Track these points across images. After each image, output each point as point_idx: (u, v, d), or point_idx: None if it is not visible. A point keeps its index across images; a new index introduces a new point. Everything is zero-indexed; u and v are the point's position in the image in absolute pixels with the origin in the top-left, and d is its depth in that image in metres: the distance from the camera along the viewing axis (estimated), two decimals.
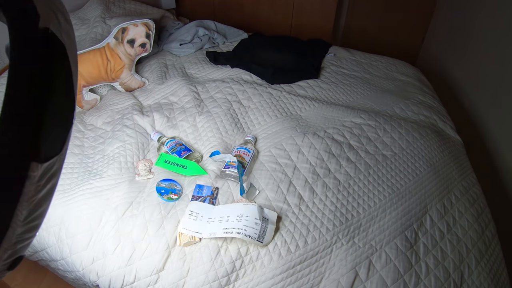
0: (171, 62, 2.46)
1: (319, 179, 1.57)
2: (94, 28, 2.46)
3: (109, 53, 2.07)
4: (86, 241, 1.40)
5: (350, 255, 1.34)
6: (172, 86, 2.15)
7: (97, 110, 2.04)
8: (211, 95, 2.07)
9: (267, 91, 2.09)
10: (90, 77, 2.03)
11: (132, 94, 2.15)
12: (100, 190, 1.54)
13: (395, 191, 1.57)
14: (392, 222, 1.45)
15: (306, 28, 3.43)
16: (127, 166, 1.65)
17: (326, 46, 2.69)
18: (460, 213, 1.52)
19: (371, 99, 2.13)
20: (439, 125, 1.99)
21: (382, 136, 1.80)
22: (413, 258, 1.35)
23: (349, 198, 1.52)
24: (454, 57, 2.72)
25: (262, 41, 2.71)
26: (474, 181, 1.71)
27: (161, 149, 1.72)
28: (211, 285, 1.26)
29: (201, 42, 2.63)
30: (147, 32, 2.14)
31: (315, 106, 2.01)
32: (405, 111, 2.04)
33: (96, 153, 1.73)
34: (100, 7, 2.62)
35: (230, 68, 2.35)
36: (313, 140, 1.73)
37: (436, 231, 1.44)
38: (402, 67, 2.52)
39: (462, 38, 2.61)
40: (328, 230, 1.39)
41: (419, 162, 1.71)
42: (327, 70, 2.40)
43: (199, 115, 1.90)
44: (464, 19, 2.61)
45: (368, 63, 2.53)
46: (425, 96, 2.20)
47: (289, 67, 2.37)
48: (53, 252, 1.45)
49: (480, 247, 1.43)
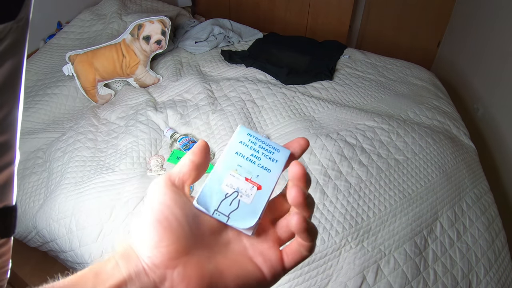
0: (186, 59, 2.47)
1: (330, 181, 1.57)
2: (110, 24, 2.48)
3: (124, 49, 2.08)
4: (96, 234, 1.42)
5: (358, 259, 1.34)
6: (186, 83, 2.16)
7: (111, 105, 2.06)
8: (225, 94, 2.08)
9: (281, 91, 2.09)
10: (105, 72, 2.05)
11: (146, 90, 2.17)
12: (112, 184, 1.55)
13: (406, 196, 1.56)
14: (402, 227, 1.44)
15: (321, 29, 3.42)
16: (139, 161, 1.66)
17: (341, 48, 2.68)
18: (471, 221, 1.51)
19: (385, 103, 2.11)
20: (453, 131, 1.97)
21: (395, 140, 1.79)
22: (421, 264, 1.34)
23: (359, 202, 1.51)
24: (470, 63, 2.69)
25: (277, 41, 2.71)
26: (486, 189, 1.69)
27: (174, 146, 1.73)
28: None
29: (216, 40, 2.64)
30: (162, 29, 2.15)
31: (328, 107, 2.00)
32: (419, 116, 2.02)
33: (109, 147, 1.75)
34: (116, 3, 2.64)
35: (244, 67, 2.35)
36: (326, 142, 1.72)
37: (446, 238, 1.43)
38: (417, 71, 2.50)
39: (478, 44, 2.58)
40: (338, 233, 1.39)
41: (432, 168, 1.69)
42: (342, 72, 2.39)
43: (213, 113, 1.91)
44: (480, 24, 2.58)
45: (383, 66, 2.51)
46: (439, 101, 2.18)
47: (304, 68, 2.37)
48: (63, 243, 1.47)
49: (490, 256, 1.41)
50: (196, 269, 0.30)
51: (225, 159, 0.37)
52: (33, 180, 1.66)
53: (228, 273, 0.32)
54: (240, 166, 0.37)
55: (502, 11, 2.31)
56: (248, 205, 0.35)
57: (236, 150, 0.38)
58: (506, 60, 2.17)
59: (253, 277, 0.33)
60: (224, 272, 0.31)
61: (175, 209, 0.32)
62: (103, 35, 2.41)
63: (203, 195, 0.35)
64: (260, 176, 0.37)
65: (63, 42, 2.32)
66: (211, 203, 0.34)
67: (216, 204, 0.34)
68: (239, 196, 0.35)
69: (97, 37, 2.42)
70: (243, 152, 0.38)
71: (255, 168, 0.37)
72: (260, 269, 0.33)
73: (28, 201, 1.59)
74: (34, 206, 1.58)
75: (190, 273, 0.30)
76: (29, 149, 1.79)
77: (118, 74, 2.11)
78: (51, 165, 1.67)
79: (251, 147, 0.38)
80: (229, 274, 0.32)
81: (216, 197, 0.35)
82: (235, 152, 0.38)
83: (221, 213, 0.34)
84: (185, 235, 0.31)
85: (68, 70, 1.97)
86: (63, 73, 2.00)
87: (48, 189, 1.60)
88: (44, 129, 1.88)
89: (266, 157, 0.38)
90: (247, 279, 0.32)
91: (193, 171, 0.36)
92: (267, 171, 0.38)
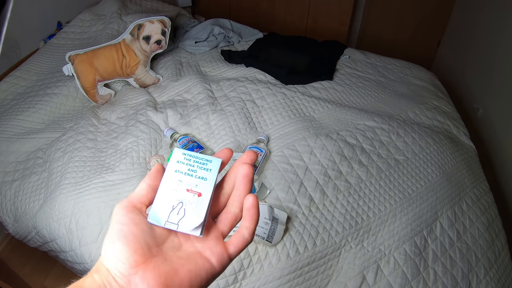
0: (186, 59, 2.47)
1: (330, 181, 1.57)
2: (110, 24, 2.48)
3: (124, 49, 2.08)
4: (96, 234, 1.42)
5: (358, 259, 1.34)
6: (186, 83, 2.16)
7: (111, 105, 2.06)
8: (225, 94, 2.08)
9: (281, 91, 2.09)
10: (105, 72, 2.05)
11: (146, 90, 2.17)
12: (112, 184, 1.55)
13: (406, 196, 1.56)
14: (402, 227, 1.44)
15: (321, 30, 3.42)
16: (139, 161, 1.66)
17: (341, 48, 2.68)
18: (471, 221, 1.51)
19: (385, 103, 2.11)
20: (453, 131, 1.97)
21: (395, 140, 1.79)
22: (421, 264, 1.34)
23: (359, 202, 1.51)
24: (470, 63, 2.69)
25: (277, 41, 2.71)
26: (486, 190, 1.69)
27: (174, 146, 1.73)
28: (218, 283, 1.26)
29: (216, 40, 2.64)
30: (162, 29, 2.15)
31: (328, 107, 2.00)
32: (419, 116, 2.02)
33: (109, 148, 1.75)
34: (116, 3, 2.64)
35: (244, 67, 2.36)
36: (326, 142, 1.73)
37: (446, 238, 1.43)
38: (417, 71, 2.50)
39: (478, 44, 2.58)
40: (338, 233, 1.39)
41: (432, 168, 1.69)
42: (342, 72, 2.39)
43: (213, 113, 1.91)
44: (480, 24, 2.58)
45: (383, 66, 2.52)
46: (439, 102, 2.18)
47: (304, 68, 2.37)
48: (63, 243, 1.47)
49: (490, 256, 1.41)
50: (153, 271, 0.37)
51: (167, 178, 0.44)
52: (33, 180, 1.66)
53: (182, 270, 0.39)
54: (180, 181, 0.44)
55: (502, 11, 2.31)
56: (192, 211, 0.42)
57: (175, 169, 0.45)
58: (506, 60, 2.17)
59: (203, 268, 0.40)
60: (178, 269, 0.38)
61: (132, 227, 0.39)
62: (103, 35, 2.41)
63: (154, 211, 0.41)
64: (198, 186, 0.43)
65: (63, 42, 2.32)
66: (161, 217, 0.41)
67: (166, 216, 0.41)
68: (184, 206, 0.42)
69: (97, 37, 2.42)
70: (181, 169, 0.45)
71: (192, 179, 0.44)
72: (209, 261, 0.41)
73: (28, 201, 1.59)
74: (34, 206, 1.58)
75: (148, 275, 0.37)
76: (29, 149, 1.79)
77: (118, 74, 2.11)
78: (51, 165, 1.67)
79: (187, 164, 0.45)
80: (182, 270, 0.39)
81: (165, 211, 0.41)
82: (174, 171, 0.44)
83: (171, 222, 0.41)
84: (141, 247, 0.38)
85: (68, 70, 1.97)
86: (63, 73, 2.00)
87: (48, 189, 1.60)
88: (44, 129, 1.88)
89: (201, 169, 0.45)
90: (198, 271, 0.39)
91: (150, 193, 0.43)
92: (204, 180, 0.44)
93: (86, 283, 0.37)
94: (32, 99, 1.95)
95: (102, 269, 0.38)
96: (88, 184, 1.55)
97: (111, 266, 0.37)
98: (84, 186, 1.54)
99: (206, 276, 0.40)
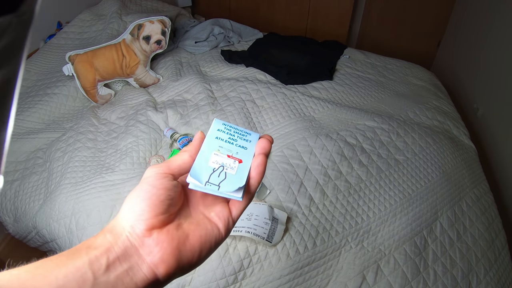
0: (186, 59, 2.47)
1: (330, 181, 1.57)
2: (110, 24, 2.48)
3: (124, 49, 2.08)
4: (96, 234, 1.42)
5: (358, 259, 1.34)
6: (186, 83, 2.16)
7: (111, 105, 2.06)
8: (225, 94, 2.08)
9: (281, 91, 2.09)
10: (105, 72, 2.05)
11: (146, 90, 2.17)
12: (112, 184, 1.55)
13: (406, 196, 1.56)
14: (402, 227, 1.44)
15: (321, 31, 3.42)
16: (139, 161, 1.66)
17: (341, 48, 2.69)
18: (471, 221, 1.51)
19: (385, 103, 2.11)
20: (453, 131, 1.97)
21: (395, 140, 1.79)
22: (421, 264, 1.34)
23: (359, 202, 1.51)
24: (470, 63, 2.69)
25: (277, 41, 2.71)
26: (486, 190, 1.69)
27: (174, 146, 1.73)
28: (218, 283, 1.26)
29: (216, 40, 2.64)
30: (162, 29, 2.15)
31: (328, 107, 2.00)
32: (419, 116, 2.02)
33: (109, 147, 1.75)
34: (116, 3, 2.64)
35: (244, 67, 2.36)
36: (326, 142, 1.72)
37: (446, 238, 1.43)
38: (417, 71, 2.50)
39: (478, 44, 2.58)
40: (338, 233, 1.39)
41: (432, 168, 1.69)
42: (342, 72, 2.40)
43: (213, 113, 1.91)
44: (480, 24, 2.58)
45: (383, 66, 2.52)
46: (439, 102, 2.18)
47: (304, 68, 2.37)
48: (63, 243, 1.47)
49: (490, 256, 1.41)
50: (167, 235, 0.38)
51: (208, 143, 0.45)
52: (33, 180, 1.66)
53: (192, 235, 0.40)
54: (221, 147, 0.45)
55: (502, 11, 2.31)
56: (234, 175, 0.42)
57: (216, 136, 0.46)
58: (506, 60, 2.17)
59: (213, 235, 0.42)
60: (189, 234, 0.40)
61: (161, 192, 0.39)
62: (103, 35, 2.41)
63: (194, 171, 0.41)
64: (239, 153, 0.45)
65: (63, 42, 2.32)
66: (202, 177, 0.41)
67: (207, 177, 0.41)
68: (225, 169, 0.42)
69: (97, 37, 2.42)
70: (222, 136, 0.46)
71: (233, 147, 0.45)
72: (216, 226, 0.42)
73: (28, 201, 1.59)
74: (34, 206, 1.58)
75: (162, 238, 0.38)
76: (29, 149, 1.79)
77: (118, 74, 2.11)
78: (51, 165, 1.67)
79: (227, 133, 0.47)
80: (193, 235, 0.40)
81: (206, 172, 0.42)
82: (215, 137, 0.46)
83: (212, 183, 0.41)
84: (162, 213, 0.39)
85: (68, 70, 1.97)
86: (63, 73, 2.00)
87: (48, 189, 1.60)
88: (44, 129, 1.88)
89: (241, 139, 0.47)
90: (208, 237, 0.41)
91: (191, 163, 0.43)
92: (244, 149, 0.46)
93: (97, 241, 0.37)
94: (32, 99, 1.95)
95: (116, 228, 0.38)
96: (88, 184, 1.55)
97: (127, 225, 0.38)
98: (84, 186, 1.54)
99: (215, 242, 0.42)
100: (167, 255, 0.37)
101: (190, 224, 0.41)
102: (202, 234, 0.41)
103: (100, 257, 0.35)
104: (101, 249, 0.36)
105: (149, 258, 0.37)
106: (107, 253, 0.36)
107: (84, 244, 0.37)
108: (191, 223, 0.42)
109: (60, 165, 1.65)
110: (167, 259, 0.37)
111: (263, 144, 0.46)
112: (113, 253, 0.36)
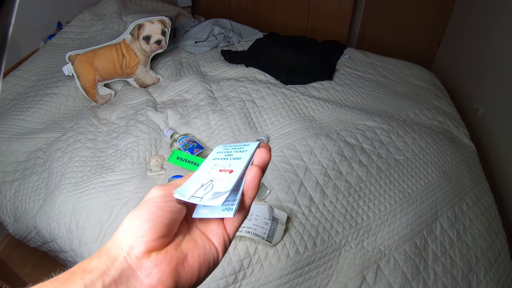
0: (186, 59, 2.47)
1: (330, 181, 1.57)
2: (110, 24, 2.48)
3: (124, 49, 2.08)
4: (96, 234, 1.42)
5: (358, 259, 1.34)
6: (186, 83, 2.16)
7: (111, 105, 2.06)
8: (225, 94, 2.08)
9: (281, 91, 2.09)
10: (105, 72, 2.05)
11: (146, 90, 2.17)
12: (112, 184, 1.55)
13: (406, 196, 1.56)
14: (402, 227, 1.44)
15: (321, 31, 3.41)
16: (139, 161, 1.66)
17: (341, 48, 2.68)
18: (471, 221, 1.51)
19: (385, 103, 2.11)
20: (453, 131, 1.97)
21: (395, 140, 1.79)
22: (421, 264, 1.34)
23: (359, 202, 1.51)
24: (470, 63, 2.69)
25: (277, 41, 2.71)
26: (486, 190, 1.69)
27: (174, 146, 1.73)
28: (218, 283, 1.26)
29: (216, 40, 2.64)
30: (162, 29, 2.15)
31: (328, 107, 2.00)
32: (419, 116, 2.02)
33: (109, 148, 1.75)
34: (116, 3, 2.64)
35: (244, 67, 2.36)
36: (326, 142, 1.72)
37: (446, 238, 1.43)
38: (417, 71, 2.50)
39: (478, 44, 2.58)
40: (338, 233, 1.39)
41: (431, 168, 1.69)
42: (342, 72, 2.40)
43: (213, 113, 1.91)
44: (480, 24, 2.58)
45: (383, 66, 2.52)
46: (439, 102, 2.18)
47: (304, 68, 2.36)
48: (63, 243, 1.47)
49: (490, 256, 1.41)
50: (165, 256, 0.38)
51: (205, 165, 0.45)
52: (33, 180, 1.66)
53: (191, 255, 0.40)
54: (216, 165, 0.44)
55: (502, 11, 2.31)
56: (219, 184, 0.41)
57: (214, 157, 0.46)
58: (506, 60, 2.17)
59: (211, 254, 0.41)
60: (187, 254, 0.39)
61: (166, 215, 0.38)
62: (103, 35, 2.41)
63: (182, 188, 0.41)
64: (232, 165, 0.43)
65: (63, 42, 2.32)
66: (188, 192, 0.40)
67: (192, 192, 0.40)
68: (213, 183, 0.41)
69: (97, 37, 2.42)
70: (219, 156, 0.46)
71: (227, 161, 0.44)
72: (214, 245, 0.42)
73: (28, 201, 1.59)
74: (34, 206, 1.58)
75: (161, 259, 0.37)
76: (29, 149, 1.78)
77: (118, 74, 2.11)
78: (51, 165, 1.67)
79: (225, 152, 0.46)
80: (191, 255, 0.40)
81: (193, 188, 0.41)
82: (212, 158, 0.46)
83: (195, 197, 0.40)
84: (164, 236, 0.38)
85: (68, 70, 1.97)
86: (63, 73, 2.00)
87: (48, 189, 1.60)
88: (44, 129, 1.88)
89: (236, 152, 0.45)
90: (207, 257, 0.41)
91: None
92: (238, 159, 0.44)
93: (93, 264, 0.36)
94: (32, 99, 1.95)
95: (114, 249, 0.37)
96: (88, 184, 1.55)
97: (126, 244, 0.37)
98: (84, 186, 1.54)
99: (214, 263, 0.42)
100: (165, 277, 0.37)
101: (188, 242, 0.41)
102: (200, 254, 0.40)
103: (95, 281, 0.34)
104: (96, 273, 0.35)
105: (147, 280, 0.36)
106: (103, 276, 0.35)
107: (80, 267, 0.36)
108: (189, 241, 0.41)
109: (60, 165, 1.65)
110: (165, 280, 0.37)
111: (262, 155, 0.44)
112: (109, 277, 0.35)
